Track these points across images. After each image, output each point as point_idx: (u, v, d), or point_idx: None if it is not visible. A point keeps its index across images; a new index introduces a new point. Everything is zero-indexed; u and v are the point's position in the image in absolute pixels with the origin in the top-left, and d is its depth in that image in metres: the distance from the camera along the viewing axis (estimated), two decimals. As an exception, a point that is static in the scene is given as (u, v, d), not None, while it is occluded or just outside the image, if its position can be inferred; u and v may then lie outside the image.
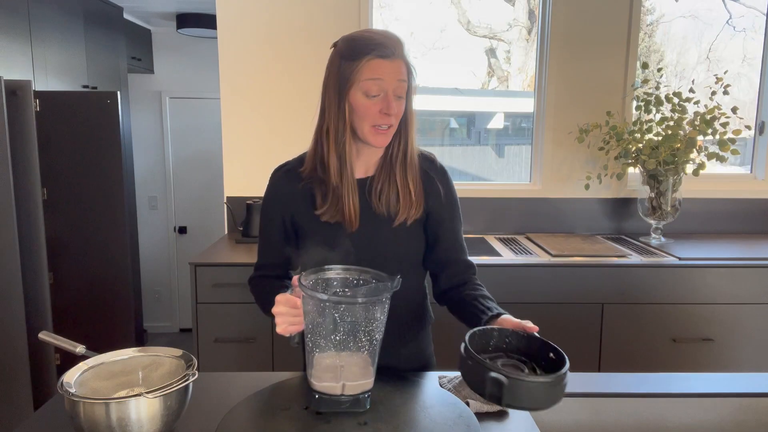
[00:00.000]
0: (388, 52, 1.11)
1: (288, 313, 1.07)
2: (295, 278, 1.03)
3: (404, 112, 1.18)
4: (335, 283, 1.09)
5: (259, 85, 2.81)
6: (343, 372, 1.01)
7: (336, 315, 0.97)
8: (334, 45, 1.19)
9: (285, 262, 1.32)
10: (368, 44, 1.12)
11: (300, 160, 1.30)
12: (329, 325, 0.98)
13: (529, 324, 1.06)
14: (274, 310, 1.08)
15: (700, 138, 2.57)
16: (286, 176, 1.29)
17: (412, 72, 1.17)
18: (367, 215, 1.22)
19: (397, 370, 1.29)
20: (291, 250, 1.29)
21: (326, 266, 1.08)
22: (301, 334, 1.05)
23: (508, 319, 1.10)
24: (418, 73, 1.19)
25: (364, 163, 1.25)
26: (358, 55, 1.11)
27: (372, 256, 1.22)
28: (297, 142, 2.86)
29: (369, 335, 1.01)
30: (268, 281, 1.30)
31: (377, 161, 1.25)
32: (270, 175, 1.33)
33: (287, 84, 2.81)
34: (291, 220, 1.27)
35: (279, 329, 1.08)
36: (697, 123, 2.56)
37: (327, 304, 0.97)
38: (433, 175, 1.27)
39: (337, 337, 0.99)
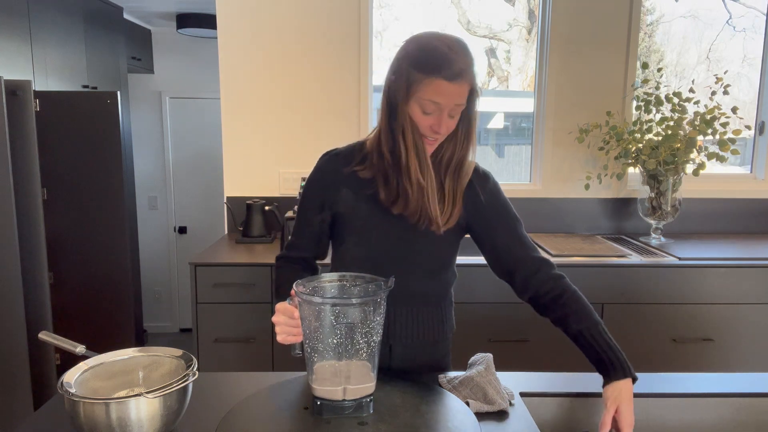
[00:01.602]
0: (454, 75, 1.09)
1: (286, 323, 1.08)
2: (293, 290, 1.04)
3: (465, 124, 1.20)
4: (332, 290, 1.09)
5: (259, 85, 2.81)
6: (343, 376, 1.01)
7: (332, 318, 0.98)
8: (405, 43, 1.18)
9: (315, 245, 1.32)
10: (439, 61, 1.10)
11: (351, 148, 1.29)
12: (326, 330, 0.99)
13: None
14: (274, 319, 1.10)
15: (700, 138, 2.57)
16: (333, 160, 1.28)
17: (477, 91, 1.17)
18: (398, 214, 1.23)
19: (414, 373, 1.29)
20: (324, 233, 1.31)
21: (322, 274, 1.09)
22: (302, 344, 1.06)
23: (613, 393, 1.10)
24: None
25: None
26: (426, 70, 1.10)
27: (396, 253, 1.24)
28: (297, 141, 2.87)
29: (366, 337, 1.01)
30: (290, 267, 1.31)
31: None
32: (318, 158, 1.32)
33: (287, 84, 2.81)
34: (330, 204, 1.27)
35: (278, 338, 1.10)
36: (697, 123, 2.56)
37: (322, 307, 0.98)
38: (475, 184, 1.27)
39: (335, 341, 1.00)
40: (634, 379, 1.12)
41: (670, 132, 2.57)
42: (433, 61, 1.10)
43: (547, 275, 1.24)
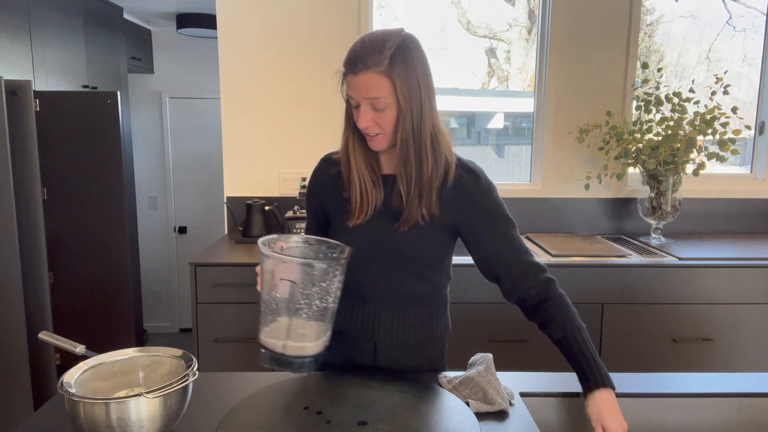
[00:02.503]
0: (353, 67, 1.12)
1: (259, 274, 1.15)
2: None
3: (404, 118, 1.14)
4: (295, 250, 1.14)
5: (259, 85, 2.81)
6: (286, 331, 1.06)
7: (279, 277, 1.03)
8: None
9: None
10: (347, 57, 1.14)
11: None
12: (271, 283, 1.05)
13: None
14: (257, 268, 1.16)
15: (700, 138, 2.57)
16: (324, 163, 1.33)
17: (397, 81, 1.11)
18: (386, 211, 1.23)
19: (411, 370, 1.29)
20: (325, 233, 1.32)
21: (287, 234, 1.14)
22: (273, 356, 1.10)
23: (593, 411, 1.07)
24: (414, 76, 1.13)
25: (387, 160, 1.26)
26: (344, 69, 1.16)
27: (379, 253, 1.23)
28: (297, 141, 2.87)
29: (308, 299, 1.05)
30: None
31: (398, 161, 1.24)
32: None
33: (287, 84, 2.81)
34: (322, 205, 1.32)
35: (258, 287, 1.16)
36: (697, 123, 2.56)
37: (267, 260, 1.04)
38: (464, 183, 1.24)
39: (278, 295, 1.04)
40: (613, 389, 1.09)
41: (670, 132, 2.57)
42: (345, 59, 1.15)
43: (535, 280, 1.21)
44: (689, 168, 2.63)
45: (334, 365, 1.33)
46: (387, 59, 1.10)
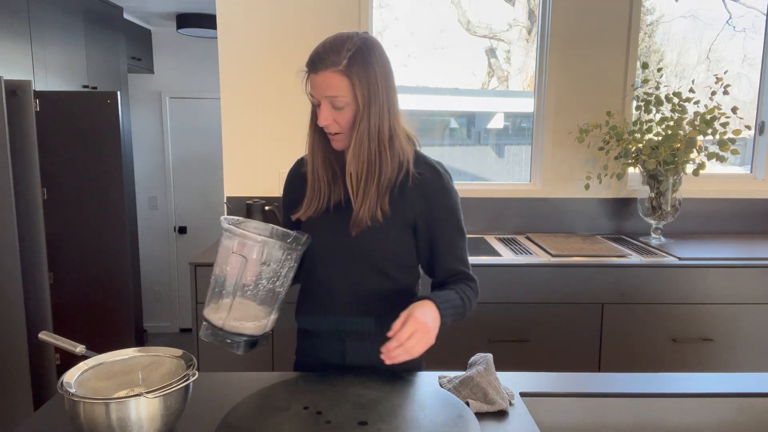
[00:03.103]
0: (313, 66, 1.16)
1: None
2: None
3: (360, 117, 1.16)
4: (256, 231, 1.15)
5: (259, 85, 2.81)
6: (228, 308, 1.08)
7: (234, 251, 1.06)
8: None
9: None
10: (309, 58, 1.18)
11: None
12: (224, 255, 1.07)
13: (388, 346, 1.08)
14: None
15: (700, 138, 2.57)
16: (298, 163, 1.39)
17: (355, 80, 1.14)
18: (349, 208, 1.24)
19: (382, 369, 1.28)
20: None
21: (253, 220, 1.16)
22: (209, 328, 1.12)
23: (411, 309, 1.11)
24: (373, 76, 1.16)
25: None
26: (306, 68, 1.19)
27: (340, 250, 1.26)
28: (297, 141, 2.86)
29: (256, 278, 1.07)
30: None
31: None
32: None
33: (287, 84, 2.81)
34: (294, 203, 1.34)
35: None
36: (697, 123, 2.56)
37: (226, 234, 1.06)
38: (425, 181, 1.25)
39: (234, 274, 1.07)
40: (441, 317, 1.14)
41: (670, 132, 2.57)
42: (308, 58, 1.19)
43: (460, 280, 1.28)
44: (689, 168, 2.63)
45: (308, 364, 1.35)
46: (346, 59, 1.14)
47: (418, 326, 1.07)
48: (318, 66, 1.15)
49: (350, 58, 1.14)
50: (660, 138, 2.59)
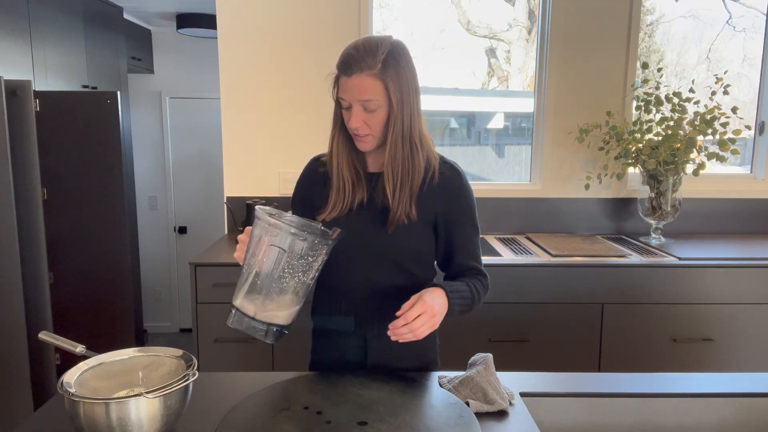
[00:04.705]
0: (347, 69, 1.17)
1: (242, 242, 1.18)
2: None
3: (394, 120, 1.19)
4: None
5: (259, 85, 2.81)
6: (262, 298, 1.09)
7: (269, 243, 1.07)
8: None
9: None
10: (340, 59, 1.19)
11: None
12: (263, 251, 1.08)
13: (395, 327, 1.11)
14: (239, 237, 1.20)
15: (700, 138, 2.57)
16: (314, 162, 1.40)
17: (390, 83, 1.16)
18: (370, 207, 1.27)
19: (397, 369, 1.29)
20: None
21: (285, 213, 1.15)
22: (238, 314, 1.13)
23: (421, 293, 1.14)
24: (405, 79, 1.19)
25: (374, 159, 1.31)
26: (337, 70, 1.20)
27: (363, 247, 1.27)
28: (297, 141, 2.87)
29: (292, 269, 1.08)
30: None
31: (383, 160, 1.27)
32: None
33: (287, 84, 2.81)
34: (309, 201, 1.36)
35: (235, 254, 1.21)
36: (697, 123, 2.56)
37: (263, 225, 1.07)
38: (447, 179, 1.29)
39: (270, 265, 1.08)
40: (450, 305, 1.18)
41: (670, 132, 2.57)
42: (339, 61, 1.19)
43: (472, 275, 1.31)
44: (689, 168, 2.63)
45: (326, 364, 1.34)
46: (380, 63, 1.15)
47: (425, 309, 1.10)
48: (352, 69, 1.16)
49: (384, 62, 1.16)
50: (660, 138, 2.59)
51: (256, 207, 1.11)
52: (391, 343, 1.23)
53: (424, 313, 1.10)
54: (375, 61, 1.15)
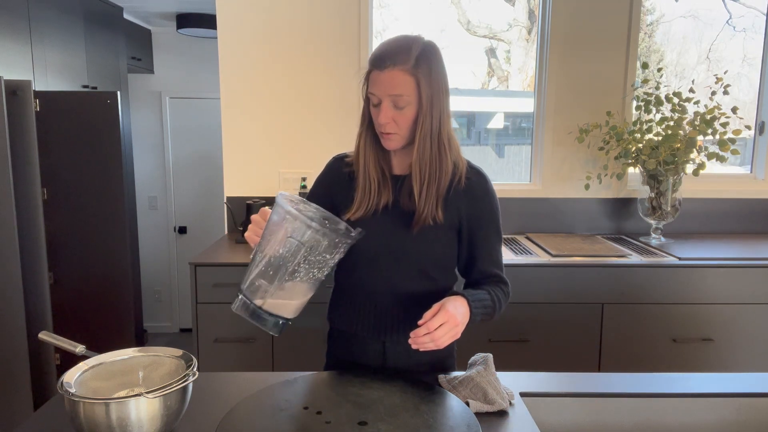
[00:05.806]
0: (379, 63, 1.16)
1: (257, 224, 1.15)
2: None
3: (423, 119, 1.18)
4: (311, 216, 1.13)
5: (259, 85, 2.81)
6: (274, 288, 1.06)
7: (288, 234, 1.03)
8: None
9: None
10: (372, 55, 1.18)
11: None
12: (280, 240, 1.04)
13: (417, 335, 1.09)
14: (252, 216, 1.17)
15: (700, 138, 2.57)
16: (337, 161, 1.38)
17: (422, 80, 1.15)
18: (395, 210, 1.26)
19: (414, 373, 1.28)
20: None
21: (309, 203, 1.13)
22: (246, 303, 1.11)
23: (444, 302, 1.12)
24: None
25: (399, 161, 1.30)
26: (369, 66, 1.19)
27: (386, 250, 1.25)
28: (297, 141, 2.87)
29: (308, 264, 1.05)
30: None
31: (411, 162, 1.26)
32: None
33: (287, 84, 2.81)
34: (332, 199, 1.34)
35: (246, 234, 1.18)
36: (697, 123, 2.56)
37: (286, 216, 1.03)
38: (473, 185, 1.28)
39: (287, 256, 1.04)
40: (471, 314, 1.16)
41: (670, 132, 2.57)
42: (371, 56, 1.19)
43: (494, 282, 1.30)
44: (689, 168, 2.63)
45: (342, 367, 1.34)
46: (414, 59, 1.15)
47: (447, 318, 1.09)
48: (386, 63, 1.15)
49: (417, 59, 1.15)
50: (660, 138, 2.59)
51: (279, 193, 1.07)
52: (410, 349, 1.23)
53: (446, 323, 1.08)
54: (409, 57, 1.14)
